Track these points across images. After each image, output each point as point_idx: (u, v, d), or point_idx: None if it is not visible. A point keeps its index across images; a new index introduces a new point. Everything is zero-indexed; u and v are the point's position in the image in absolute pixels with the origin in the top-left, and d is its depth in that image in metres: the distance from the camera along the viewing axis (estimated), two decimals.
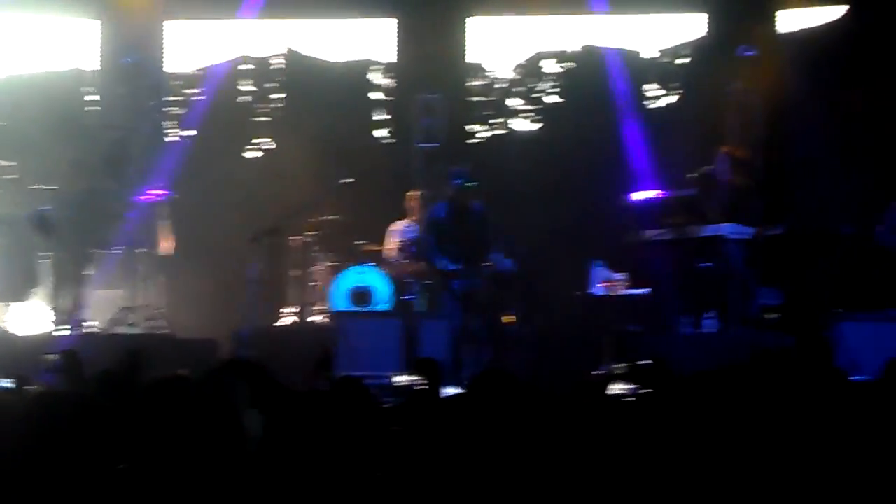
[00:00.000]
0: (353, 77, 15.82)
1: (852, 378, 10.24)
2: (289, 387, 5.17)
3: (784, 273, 12.93)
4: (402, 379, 8.60)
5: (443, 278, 12.80)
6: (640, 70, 15.28)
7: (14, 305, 13.21)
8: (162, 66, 15.68)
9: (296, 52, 15.87)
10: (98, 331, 13.19)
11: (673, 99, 15.18)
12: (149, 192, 13.71)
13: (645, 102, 15.20)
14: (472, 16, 15.67)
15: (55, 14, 15.71)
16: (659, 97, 15.35)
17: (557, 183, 14.69)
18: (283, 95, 15.82)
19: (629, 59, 15.20)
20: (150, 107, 14.40)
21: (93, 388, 6.51)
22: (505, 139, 15.59)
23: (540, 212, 14.41)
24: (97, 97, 15.59)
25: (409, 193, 14.11)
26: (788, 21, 14.98)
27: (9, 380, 7.51)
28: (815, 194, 13.84)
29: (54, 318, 13.11)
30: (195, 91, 15.61)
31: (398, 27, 15.80)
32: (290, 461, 4.08)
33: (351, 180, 13.65)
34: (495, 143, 15.61)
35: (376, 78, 15.88)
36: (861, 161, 13.90)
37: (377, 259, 13.80)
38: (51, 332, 12.85)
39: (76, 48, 15.81)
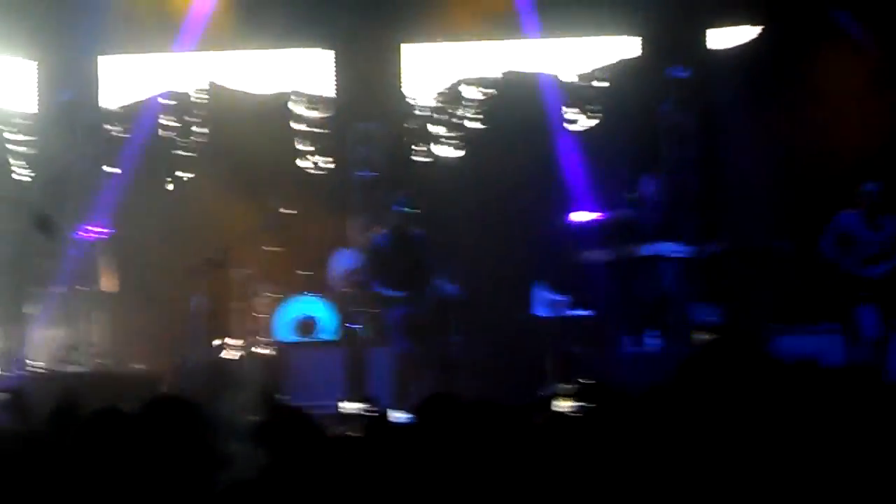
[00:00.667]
0: (276, 108, 15.79)
1: None
2: (232, 419, 5.22)
3: (722, 290, 13.11)
4: (349, 406, 8.64)
5: (386, 306, 12.84)
6: (563, 93, 15.42)
7: None
8: (97, 102, 15.62)
9: (219, 85, 15.84)
10: (41, 370, 13.11)
11: (593, 122, 15.25)
12: (88, 228, 13.66)
13: (568, 125, 15.33)
14: (407, 42, 15.74)
15: None
16: (578, 120, 15.51)
17: (497, 207, 14.74)
18: (205, 130, 15.77)
19: (551, 83, 15.33)
20: (87, 143, 14.31)
21: (39, 426, 6.50)
22: (439, 165, 15.63)
23: (480, 236, 14.47)
24: (31, 136, 15.49)
25: (349, 222, 14.15)
26: (717, 39, 15.18)
27: None
28: (750, 211, 14.02)
29: None
30: (125, 127, 15.55)
31: (334, 57, 15.84)
32: (233, 494, 4.11)
33: (291, 211, 13.63)
34: (432, 169, 15.66)
35: (299, 108, 15.89)
36: (795, 176, 14.10)
37: (320, 288, 13.81)
38: None
39: (10, 87, 15.72)
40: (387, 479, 4.32)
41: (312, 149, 15.86)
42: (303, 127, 15.87)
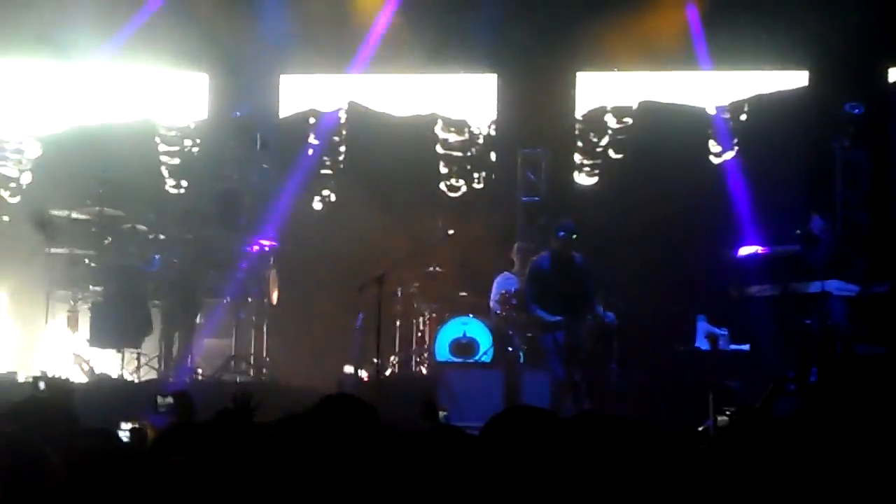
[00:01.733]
0: (419, 130, 16.01)
1: None
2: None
3: (888, 331, 12.81)
4: None
5: (545, 330, 12.86)
6: (728, 125, 15.36)
7: (127, 352, 13.47)
8: (276, 119, 16.02)
9: (376, 108, 16.14)
10: (206, 378, 13.44)
11: (762, 155, 15.07)
12: (258, 241, 13.97)
13: (733, 157, 15.26)
14: (582, 70, 15.82)
15: (165, 67, 16.12)
16: (723, 153, 15.41)
17: (661, 236, 14.68)
18: (362, 150, 16.07)
19: (721, 116, 15.28)
20: (259, 158, 14.65)
21: (207, 429, 6.66)
22: (604, 192, 15.65)
23: (642, 265, 14.40)
24: (204, 148, 15.97)
25: (512, 245, 14.23)
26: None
27: (127, 427, 7.69)
28: None
29: (164, 365, 13.39)
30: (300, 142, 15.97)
31: (498, 81, 15.99)
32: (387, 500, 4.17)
33: (452, 232, 13.72)
34: (596, 196, 15.67)
35: (441, 131, 16.10)
36: None
37: (480, 310, 13.91)
38: (161, 379, 13.12)
39: (185, 101, 16.24)
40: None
41: (476, 171, 16.04)
42: (464, 149, 16.06)
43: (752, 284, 13.22)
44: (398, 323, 14.35)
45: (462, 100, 16.15)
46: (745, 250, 13.78)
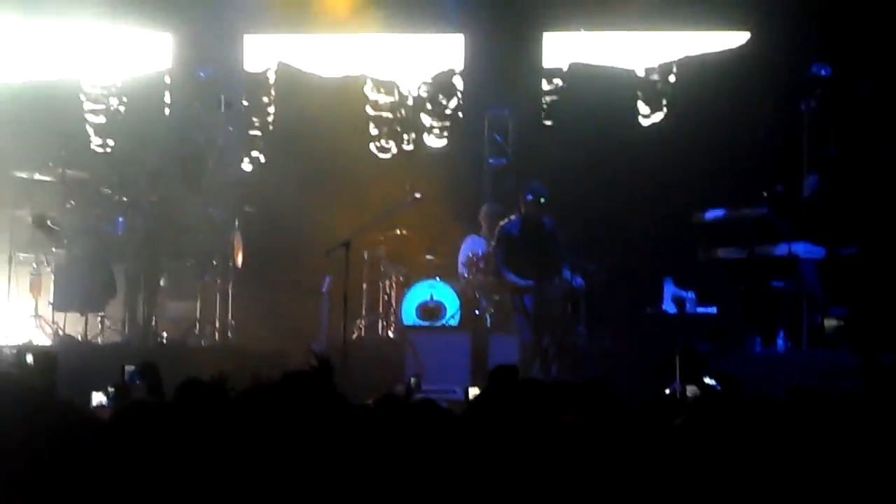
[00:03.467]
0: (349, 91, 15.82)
1: None
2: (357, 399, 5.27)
3: (857, 292, 12.82)
4: (476, 391, 8.64)
5: (513, 294, 12.82)
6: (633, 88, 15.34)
7: (90, 315, 13.36)
8: (241, 79, 15.82)
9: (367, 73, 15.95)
10: (170, 341, 13.36)
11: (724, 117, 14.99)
12: (223, 205, 13.86)
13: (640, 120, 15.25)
14: (549, 31, 15.69)
15: (129, 25, 15.88)
16: (651, 115, 15.38)
17: (628, 200, 14.61)
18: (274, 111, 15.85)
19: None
20: (225, 120, 14.49)
21: (173, 398, 6.59)
22: (570, 156, 15.52)
23: (611, 229, 14.35)
24: (169, 110, 15.77)
25: (480, 209, 14.15)
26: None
27: (102, 393, 7.62)
28: (889, 213, 13.69)
29: (128, 329, 13.29)
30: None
31: (465, 42, 15.85)
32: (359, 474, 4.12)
33: (419, 195, 13.60)
34: (563, 159, 15.55)
35: (370, 92, 15.93)
36: None
37: (447, 273, 13.85)
38: (125, 342, 13.03)
39: (150, 60, 16.02)
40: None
41: (406, 133, 15.86)
42: (394, 110, 15.87)
43: (719, 247, 13.21)
44: (365, 287, 14.27)
45: (426, 60, 16.00)
46: (711, 212, 13.75)
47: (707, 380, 8.91)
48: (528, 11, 15.48)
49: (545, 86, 15.67)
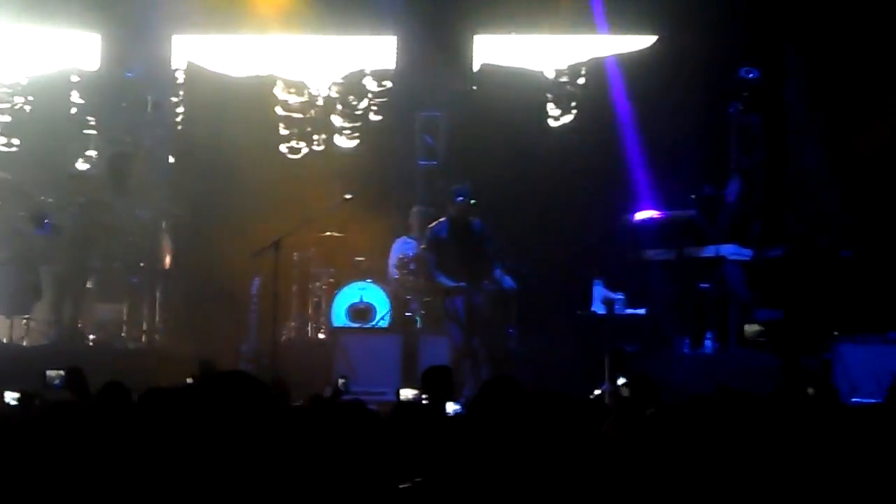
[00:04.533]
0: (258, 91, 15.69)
1: (853, 400, 10.34)
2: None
3: (783, 295, 12.95)
4: (406, 393, 8.61)
5: (444, 296, 12.81)
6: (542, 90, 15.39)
7: (16, 318, 13.19)
8: (169, 80, 15.65)
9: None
10: (97, 344, 13.22)
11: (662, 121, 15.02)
12: (150, 206, 13.75)
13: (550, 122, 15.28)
14: (479, 33, 15.69)
15: (56, 27, 15.68)
16: (561, 116, 15.42)
17: (558, 202, 14.63)
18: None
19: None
20: (152, 121, 14.37)
21: (97, 401, 6.53)
22: (500, 157, 15.51)
23: (540, 230, 14.37)
24: (95, 112, 15.55)
25: (410, 210, 14.12)
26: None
27: (14, 394, 7.52)
28: (817, 215, 13.85)
29: (55, 331, 13.14)
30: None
31: (398, 44, 15.81)
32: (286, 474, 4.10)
33: (349, 196, 13.52)
34: (493, 161, 15.55)
35: (280, 93, 15.81)
36: (862, 182, 13.87)
37: (378, 275, 13.81)
38: (52, 345, 12.87)
39: (75, 60, 15.81)
40: (440, 467, 4.29)
41: (316, 134, 15.72)
42: (304, 110, 15.74)
43: (648, 248, 13.29)
44: (294, 288, 14.19)
45: (353, 61, 15.93)
46: (641, 215, 13.84)
47: (620, 380, 8.93)
48: (459, 14, 15.47)
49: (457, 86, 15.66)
